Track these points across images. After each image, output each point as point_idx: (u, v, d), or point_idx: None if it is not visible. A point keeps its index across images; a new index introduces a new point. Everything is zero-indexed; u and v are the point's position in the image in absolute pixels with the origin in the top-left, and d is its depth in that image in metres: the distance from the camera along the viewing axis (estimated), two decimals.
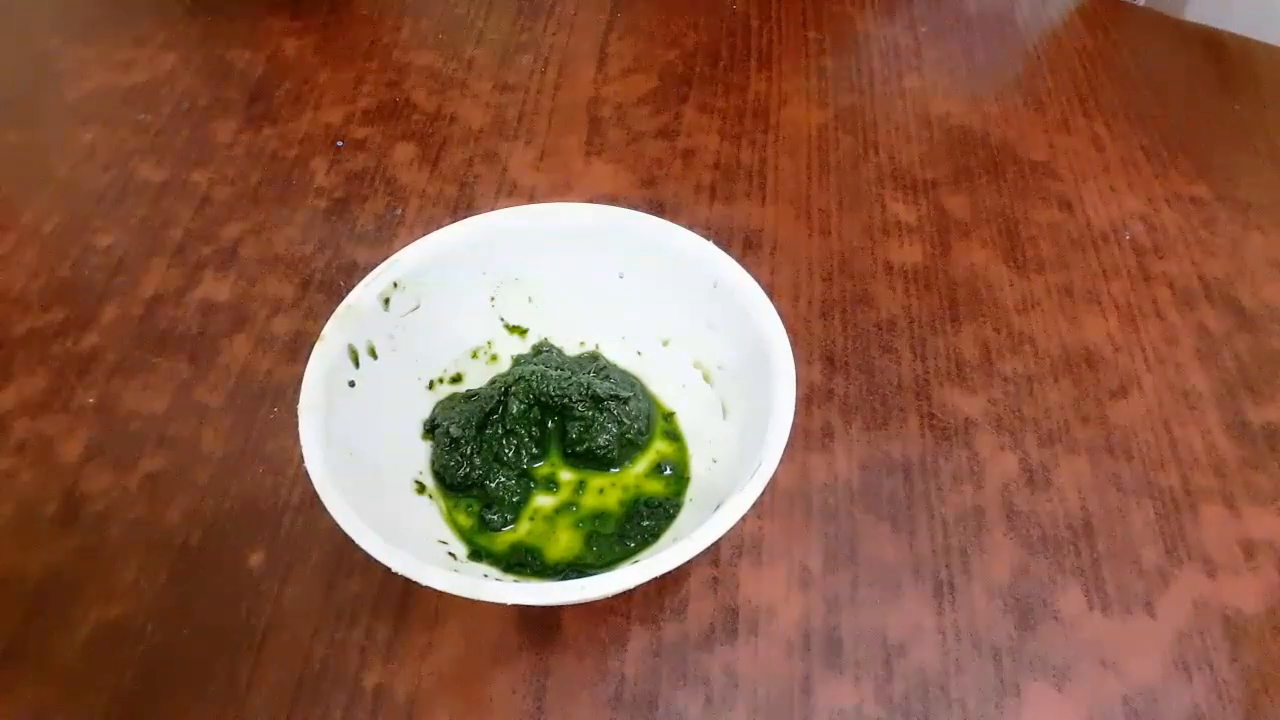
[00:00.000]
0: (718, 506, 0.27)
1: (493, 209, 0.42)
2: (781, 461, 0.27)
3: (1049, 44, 0.40)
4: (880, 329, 0.38)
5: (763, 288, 0.31)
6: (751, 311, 0.31)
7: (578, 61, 0.50)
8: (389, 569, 0.26)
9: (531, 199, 0.43)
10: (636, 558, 0.31)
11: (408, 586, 0.31)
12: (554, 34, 0.52)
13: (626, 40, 0.51)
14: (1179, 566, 0.32)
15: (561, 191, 0.43)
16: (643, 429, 0.33)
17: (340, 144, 0.46)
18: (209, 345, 0.37)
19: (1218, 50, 0.51)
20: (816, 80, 0.49)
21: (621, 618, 0.31)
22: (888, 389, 0.36)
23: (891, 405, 0.36)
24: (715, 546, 0.31)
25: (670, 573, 0.26)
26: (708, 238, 0.33)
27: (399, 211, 0.42)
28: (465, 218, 0.34)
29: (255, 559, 0.32)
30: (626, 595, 0.31)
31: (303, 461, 0.27)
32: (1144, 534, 0.33)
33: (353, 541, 0.26)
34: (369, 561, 0.32)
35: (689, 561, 0.26)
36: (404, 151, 0.45)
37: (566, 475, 0.33)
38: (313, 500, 0.28)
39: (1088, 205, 0.43)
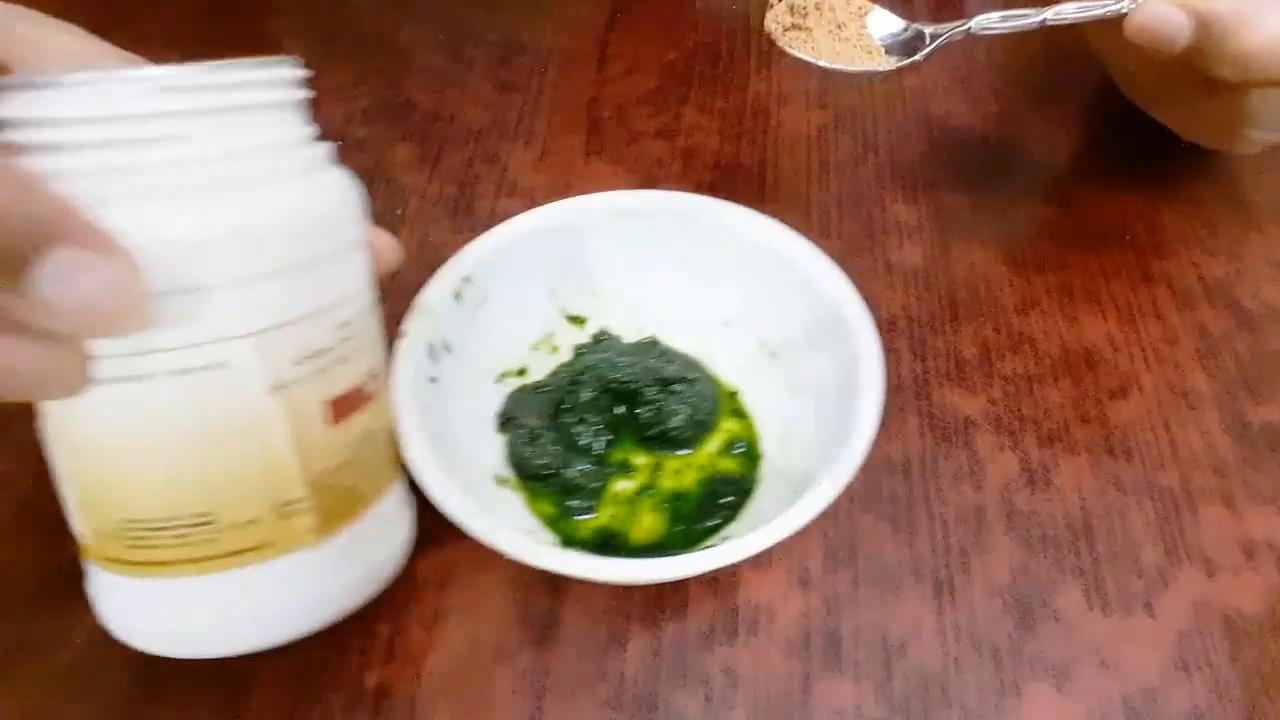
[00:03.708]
0: (804, 478, 0.29)
1: (492, 209, 0.42)
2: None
3: (1049, 43, 0.40)
4: (880, 329, 0.38)
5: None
6: (825, 287, 0.32)
7: (578, 61, 0.50)
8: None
9: (531, 199, 0.43)
10: (723, 533, 0.31)
11: (407, 586, 0.31)
12: (554, 34, 0.52)
13: (626, 40, 0.51)
14: (1179, 566, 0.32)
15: (562, 191, 0.43)
16: (712, 409, 0.34)
17: (340, 144, 0.45)
18: None
19: None
20: (816, 80, 0.49)
21: (621, 618, 0.31)
22: (888, 389, 0.36)
23: (891, 405, 0.36)
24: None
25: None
26: (772, 216, 0.34)
27: (399, 212, 0.42)
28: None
29: None
30: (627, 595, 0.31)
31: None
32: (1144, 534, 0.33)
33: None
34: None
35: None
36: (404, 151, 0.45)
37: (640, 459, 0.34)
38: None
39: (1088, 205, 0.43)
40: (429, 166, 0.45)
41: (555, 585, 0.31)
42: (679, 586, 0.31)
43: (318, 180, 0.26)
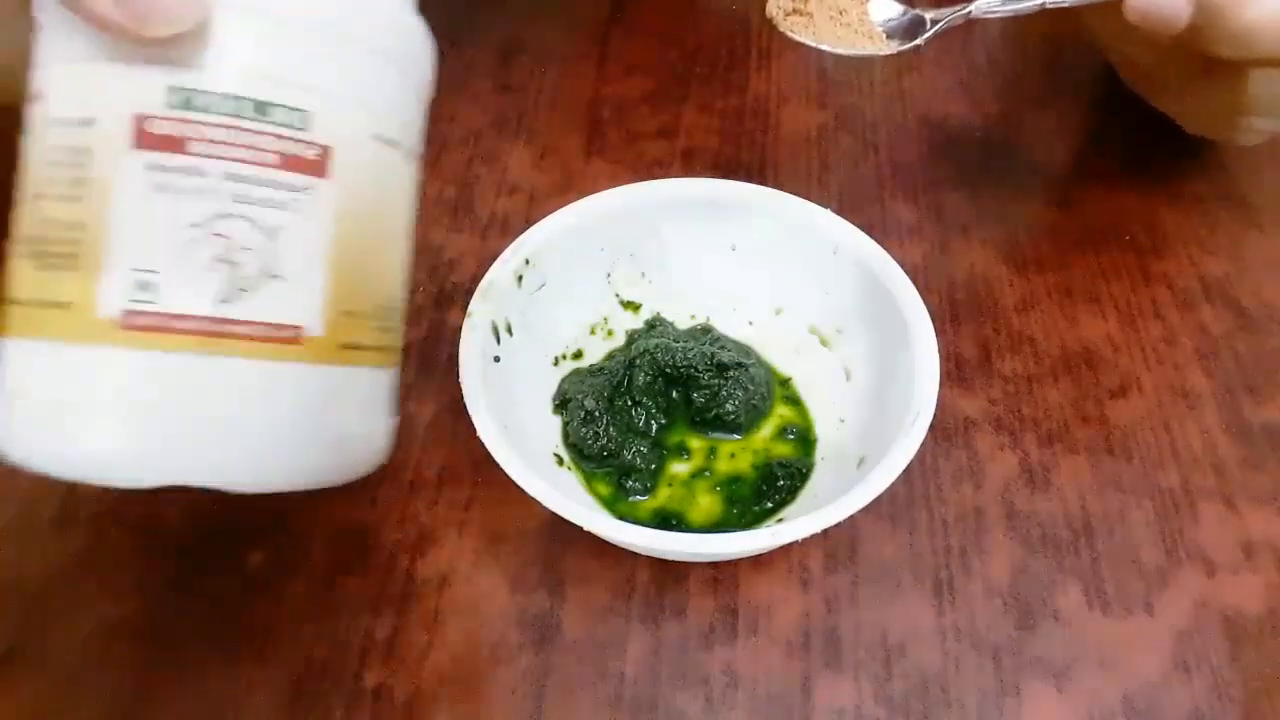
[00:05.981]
0: (860, 461, 0.30)
1: (492, 209, 0.42)
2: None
3: (1049, 43, 0.40)
4: None
5: None
6: (876, 272, 0.33)
7: (578, 61, 0.50)
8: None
9: (531, 199, 0.43)
10: (779, 515, 0.32)
11: (407, 586, 0.31)
12: (554, 34, 0.52)
13: (626, 40, 0.51)
14: (1179, 566, 0.32)
15: (562, 191, 0.43)
16: (765, 394, 0.34)
17: None
18: None
19: None
20: (816, 80, 0.49)
21: (621, 618, 0.31)
22: None
23: None
24: None
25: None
26: (826, 205, 0.34)
27: None
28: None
29: (255, 559, 0.32)
30: (627, 594, 0.31)
31: None
32: (1144, 534, 0.33)
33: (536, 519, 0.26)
34: (369, 561, 0.32)
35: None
36: None
37: (696, 443, 0.34)
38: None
39: (1088, 205, 0.43)
40: (429, 166, 0.44)
41: (555, 586, 0.31)
42: (679, 586, 0.31)
43: None
